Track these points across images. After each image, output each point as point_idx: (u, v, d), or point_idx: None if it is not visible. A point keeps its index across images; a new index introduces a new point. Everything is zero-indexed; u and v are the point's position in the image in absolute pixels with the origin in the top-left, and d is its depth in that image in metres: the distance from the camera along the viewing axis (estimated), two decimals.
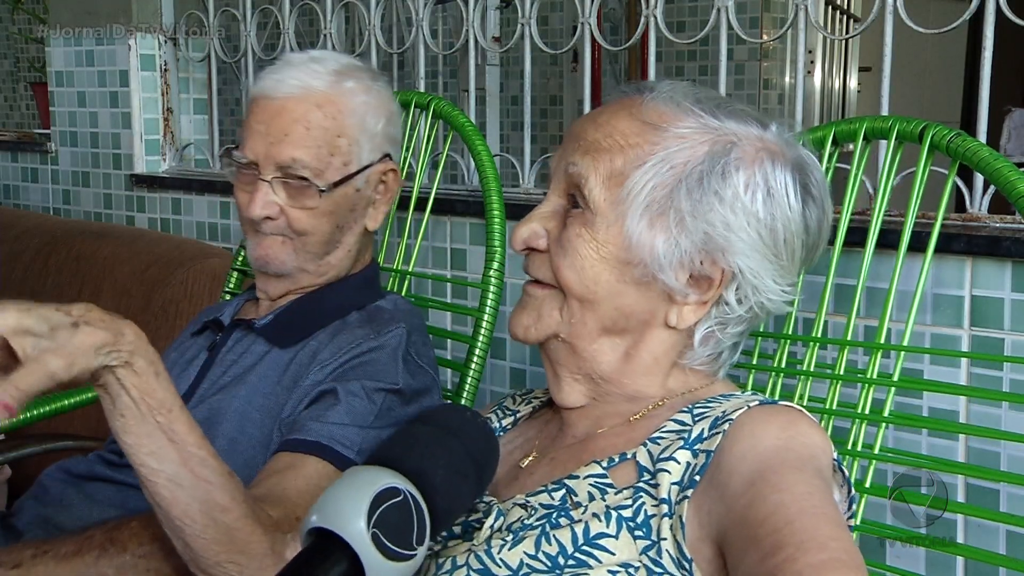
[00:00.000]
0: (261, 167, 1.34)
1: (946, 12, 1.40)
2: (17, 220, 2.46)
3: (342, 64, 1.39)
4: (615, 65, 4.04)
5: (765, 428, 0.85)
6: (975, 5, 1.32)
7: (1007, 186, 1.10)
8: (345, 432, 1.20)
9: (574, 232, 0.95)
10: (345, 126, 1.36)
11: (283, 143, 1.32)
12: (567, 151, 0.98)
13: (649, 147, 0.94)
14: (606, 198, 0.94)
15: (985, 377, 1.25)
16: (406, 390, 1.28)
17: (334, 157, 1.35)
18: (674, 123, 0.95)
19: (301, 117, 1.33)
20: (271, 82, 1.35)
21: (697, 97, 0.97)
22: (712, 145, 0.94)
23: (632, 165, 0.94)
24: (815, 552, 0.72)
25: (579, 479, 0.91)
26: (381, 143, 1.41)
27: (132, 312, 1.97)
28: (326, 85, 1.35)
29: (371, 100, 1.39)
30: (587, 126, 0.98)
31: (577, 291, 0.95)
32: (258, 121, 1.34)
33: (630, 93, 1.00)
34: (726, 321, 0.98)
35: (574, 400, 1.01)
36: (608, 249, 0.94)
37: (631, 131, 0.95)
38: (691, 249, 0.93)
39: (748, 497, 0.79)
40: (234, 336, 1.41)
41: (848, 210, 1.24)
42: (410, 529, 0.74)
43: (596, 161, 0.95)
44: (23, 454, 1.66)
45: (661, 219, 0.93)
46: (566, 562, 0.85)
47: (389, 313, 1.38)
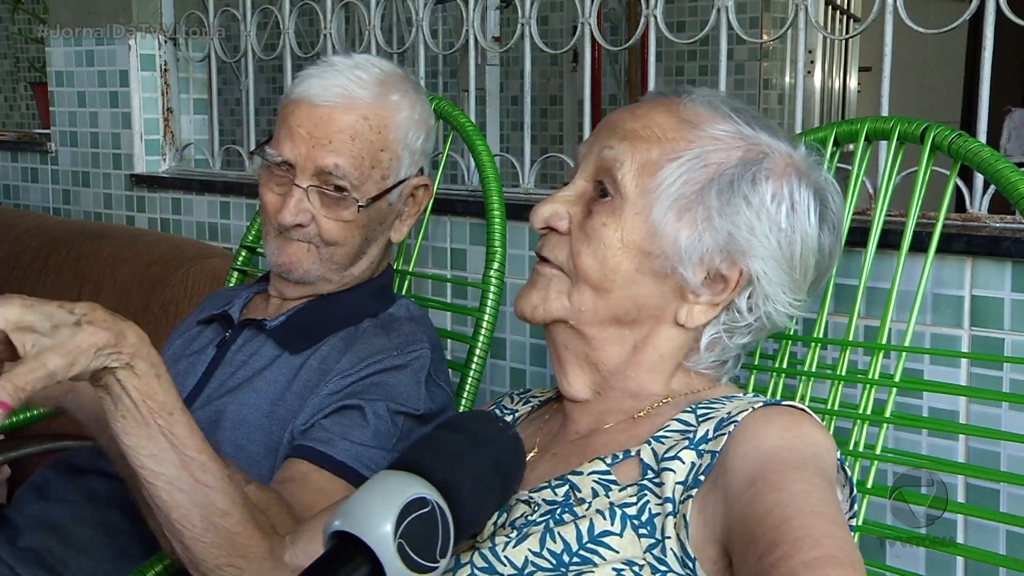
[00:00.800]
0: (298, 170, 1.32)
1: (946, 12, 1.40)
2: (17, 220, 2.46)
3: (385, 72, 1.38)
4: (615, 65, 4.05)
5: (768, 429, 0.85)
6: (975, 5, 1.32)
7: (1008, 187, 1.11)
8: (371, 455, 1.22)
9: (599, 221, 0.96)
10: (389, 141, 1.36)
11: (327, 149, 1.31)
12: (601, 137, 1.00)
13: (685, 143, 0.96)
14: (637, 185, 0.96)
15: (985, 377, 1.25)
16: (426, 414, 1.30)
17: (375, 170, 1.35)
18: (711, 124, 0.97)
19: (348, 127, 1.32)
20: (316, 87, 1.33)
21: (734, 106, 1.00)
22: (746, 152, 0.97)
23: (667, 157, 0.96)
24: (809, 549, 0.72)
25: (582, 475, 0.92)
26: (419, 158, 1.42)
27: (132, 312, 1.97)
28: (372, 97, 1.35)
29: (415, 116, 1.39)
30: (625, 116, 1.01)
31: (594, 279, 0.96)
32: (299, 124, 1.32)
33: (667, 94, 1.02)
34: (733, 329, 0.99)
35: (579, 390, 1.02)
36: (632, 237, 0.95)
37: (668, 125, 0.98)
38: (713, 247, 0.95)
39: (748, 496, 0.79)
40: (244, 335, 1.40)
41: (849, 211, 1.24)
42: (435, 542, 0.73)
43: (633, 148, 0.97)
44: (23, 454, 1.66)
45: (688, 213, 0.95)
46: (571, 560, 0.85)
47: (406, 324, 1.37)
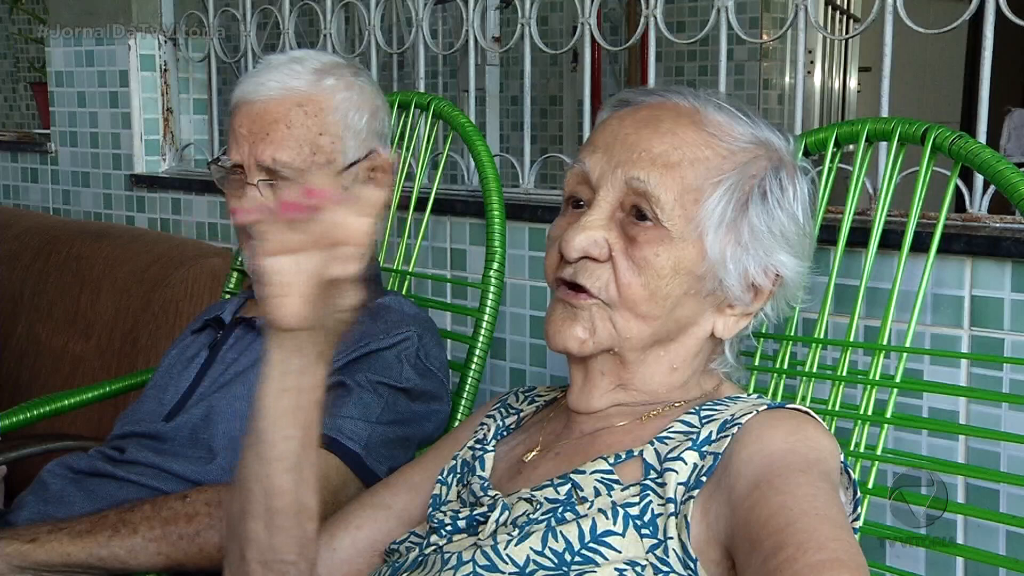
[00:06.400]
0: (247, 170, 1.34)
1: (946, 12, 1.40)
2: (17, 220, 2.46)
3: (323, 62, 1.39)
4: (615, 65, 4.04)
5: (772, 433, 0.85)
6: (975, 5, 1.32)
7: (1009, 188, 1.11)
8: (353, 426, 1.21)
9: (651, 251, 0.93)
10: (327, 123, 1.35)
11: (265, 144, 1.32)
12: (620, 160, 0.94)
13: (721, 161, 0.94)
14: (681, 214, 0.93)
15: (985, 377, 1.25)
16: (412, 389, 1.28)
17: (317, 156, 1.34)
18: (731, 132, 0.96)
19: (282, 117, 1.33)
20: (252, 85, 1.35)
21: (736, 105, 0.99)
22: (770, 160, 0.97)
23: (707, 180, 0.93)
24: (814, 552, 0.72)
25: (585, 474, 0.91)
26: (367, 139, 1.40)
27: (132, 312, 1.97)
28: (306, 84, 1.35)
29: (353, 96, 1.38)
30: (645, 134, 0.95)
31: (642, 308, 0.93)
32: (240, 124, 1.35)
33: (672, 98, 0.98)
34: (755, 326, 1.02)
35: (597, 406, 1.00)
36: (685, 264, 0.94)
37: (699, 141, 0.94)
38: (755, 261, 0.96)
39: (752, 500, 0.79)
40: (235, 334, 1.41)
41: (850, 211, 1.24)
42: None
43: (667, 177, 0.92)
44: (23, 454, 1.66)
45: (734, 232, 0.95)
46: (573, 559, 0.85)
47: (396, 313, 1.38)
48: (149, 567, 1.17)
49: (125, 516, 1.18)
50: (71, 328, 2.10)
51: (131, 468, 1.33)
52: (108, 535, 1.16)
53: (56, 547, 1.16)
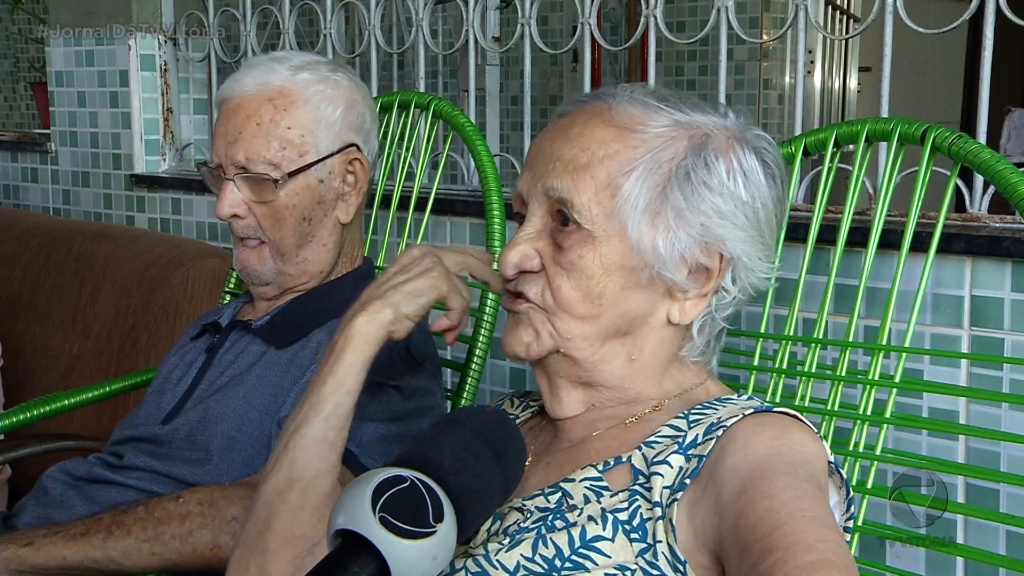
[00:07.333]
0: (225, 169, 1.36)
1: (946, 12, 1.41)
2: (17, 220, 2.46)
3: (304, 60, 1.40)
4: (615, 65, 4.05)
5: (757, 439, 0.85)
6: (975, 5, 1.32)
7: (1009, 188, 1.10)
8: None
9: (576, 254, 0.94)
10: (298, 116, 1.36)
11: (237, 142, 1.34)
12: (539, 174, 0.97)
13: (631, 151, 0.94)
14: (599, 212, 0.94)
15: (985, 377, 1.25)
16: (404, 387, 1.29)
17: (287, 150, 1.35)
18: (648, 123, 0.95)
19: (253, 113, 1.34)
20: (232, 82, 1.38)
21: (660, 96, 0.98)
22: (690, 140, 0.95)
23: (619, 173, 0.94)
24: (803, 554, 0.72)
25: (575, 482, 0.92)
26: (341, 132, 1.40)
27: (132, 312, 1.98)
28: (281, 80, 1.36)
29: (326, 89, 1.39)
30: (558, 143, 0.97)
31: (578, 309, 0.95)
32: (219, 124, 1.37)
33: (590, 101, 0.99)
34: (720, 307, 0.99)
35: (571, 410, 1.01)
36: (612, 260, 0.94)
37: (609, 138, 0.95)
38: (690, 242, 0.94)
39: (739, 506, 0.79)
40: (231, 337, 1.42)
41: (850, 211, 1.24)
42: (424, 508, 0.74)
43: (577, 180, 0.94)
44: (23, 454, 1.66)
45: (658, 218, 0.94)
46: (563, 565, 0.85)
47: None
48: (144, 568, 1.17)
49: (119, 518, 1.19)
50: (70, 328, 2.10)
51: (129, 473, 1.33)
52: (102, 537, 1.17)
53: (52, 550, 1.17)
